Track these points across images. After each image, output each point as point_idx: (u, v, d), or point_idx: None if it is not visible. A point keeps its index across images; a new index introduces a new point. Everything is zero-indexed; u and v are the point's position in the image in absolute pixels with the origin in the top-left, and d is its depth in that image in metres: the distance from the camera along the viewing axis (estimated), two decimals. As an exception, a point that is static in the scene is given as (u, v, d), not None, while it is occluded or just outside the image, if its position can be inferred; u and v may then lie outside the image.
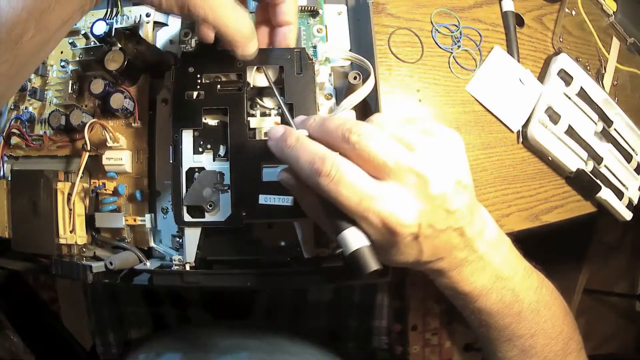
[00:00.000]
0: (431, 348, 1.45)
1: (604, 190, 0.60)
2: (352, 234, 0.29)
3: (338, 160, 0.30)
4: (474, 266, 0.35)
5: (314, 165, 0.30)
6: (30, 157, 0.49)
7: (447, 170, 0.31)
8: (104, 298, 0.75)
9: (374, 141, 0.30)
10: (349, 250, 0.29)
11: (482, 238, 0.34)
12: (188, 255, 0.43)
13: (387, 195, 0.29)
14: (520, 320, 0.38)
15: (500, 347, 0.40)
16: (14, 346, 1.12)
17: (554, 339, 0.40)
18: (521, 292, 0.37)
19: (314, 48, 0.48)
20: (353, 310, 0.75)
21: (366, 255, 0.28)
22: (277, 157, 0.33)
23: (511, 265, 0.37)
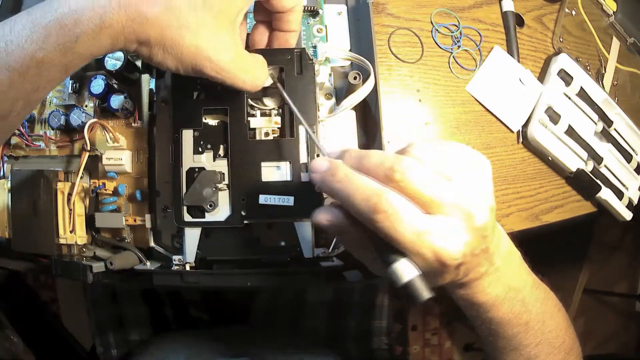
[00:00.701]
0: (431, 348, 1.45)
1: (604, 190, 0.60)
2: (404, 266, 0.30)
3: (392, 197, 0.30)
4: (491, 278, 0.35)
5: (370, 202, 0.29)
6: (30, 157, 0.49)
7: (484, 200, 0.32)
8: (104, 298, 0.75)
9: (416, 178, 0.30)
10: (401, 281, 0.29)
11: (499, 251, 0.35)
12: (188, 256, 0.43)
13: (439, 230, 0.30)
14: (528, 330, 0.39)
15: (507, 356, 0.41)
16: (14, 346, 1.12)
17: (557, 348, 0.41)
18: (530, 303, 0.38)
19: (314, 48, 0.48)
20: (353, 310, 0.75)
21: (419, 285, 0.29)
22: (323, 191, 0.34)
23: (521, 277, 0.38)
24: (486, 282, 0.35)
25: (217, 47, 0.33)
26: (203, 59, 0.33)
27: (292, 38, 0.42)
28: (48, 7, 0.31)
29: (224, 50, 0.34)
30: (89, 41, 0.31)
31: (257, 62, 0.37)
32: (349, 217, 0.32)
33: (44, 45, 0.30)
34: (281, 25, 0.40)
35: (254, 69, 0.37)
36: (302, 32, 0.50)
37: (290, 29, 0.40)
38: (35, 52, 0.30)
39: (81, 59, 0.32)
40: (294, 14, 0.39)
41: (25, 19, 0.31)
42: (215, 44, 0.33)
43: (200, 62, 0.33)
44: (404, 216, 0.29)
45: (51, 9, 0.31)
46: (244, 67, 0.36)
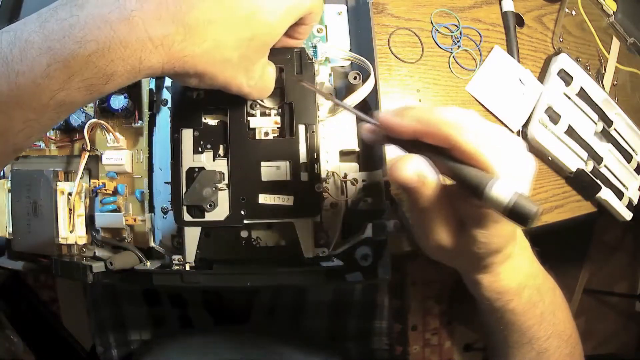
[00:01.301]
0: (431, 348, 1.45)
1: (604, 190, 0.60)
2: (503, 183, 0.27)
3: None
4: (516, 261, 0.35)
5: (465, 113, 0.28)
6: (30, 157, 0.49)
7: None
8: (104, 298, 0.75)
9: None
10: (507, 199, 0.27)
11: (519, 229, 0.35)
12: (188, 255, 0.43)
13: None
14: (542, 322, 0.39)
15: (519, 350, 0.41)
16: (14, 346, 1.13)
17: (565, 341, 0.41)
18: (544, 291, 0.39)
19: (314, 48, 0.48)
20: (353, 310, 0.75)
21: (524, 199, 0.27)
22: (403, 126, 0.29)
23: (535, 263, 0.39)
24: (513, 266, 0.35)
25: (250, 75, 0.34)
26: (234, 85, 0.34)
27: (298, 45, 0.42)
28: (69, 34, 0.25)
29: (253, 77, 0.35)
30: (122, 81, 0.27)
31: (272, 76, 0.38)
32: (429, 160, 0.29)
33: (66, 86, 0.26)
34: (293, 34, 0.40)
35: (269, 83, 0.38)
36: (302, 32, 0.50)
37: (300, 38, 0.40)
38: (56, 92, 0.26)
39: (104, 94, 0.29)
40: (307, 27, 0.39)
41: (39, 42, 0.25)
42: (249, 72, 0.34)
43: (230, 87, 0.34)
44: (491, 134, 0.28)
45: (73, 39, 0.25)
46: (263, 85, 0.37)
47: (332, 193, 0.43)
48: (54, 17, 0.26)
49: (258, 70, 0.35)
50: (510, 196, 0.27)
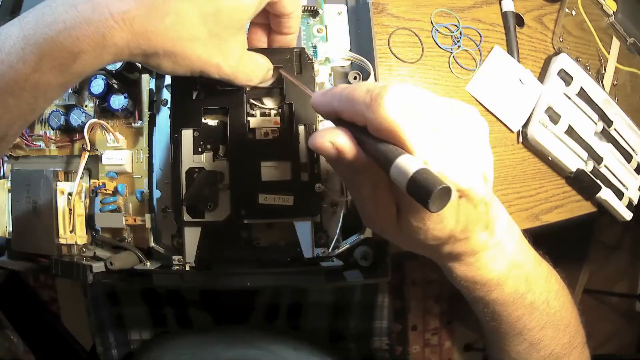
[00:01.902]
0: (431, 348, 1.45)
1: (604, 190, 0.60)
2: (409, 158, 0.26)
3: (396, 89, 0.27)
4: (493, 252, 0.34)
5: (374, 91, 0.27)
6: (30, 157, 0.49)
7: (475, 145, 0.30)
8: (104, 298, 0.75)
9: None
10: (408, 174, 0.25)
11: (498, 222, 0.34)
12: (188, 255, 0.43)
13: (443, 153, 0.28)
14: (533, 311, 0.38)
15: (510, 341, 0.39)
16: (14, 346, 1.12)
17: (562, 331, 0.40)
18: (533, 281, 0.37)
19: (314, 48, 0.48)
20: (353, 310, 0.75)
21: (429, 174, 0.25)
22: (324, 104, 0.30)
23: (523, 252, 0.37)
24: (489, 257, 0.34)
25: (225, 54, 0.33)
26: (212, 66, 0.33)
27: (292, 41, 0.42)
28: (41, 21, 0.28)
29: (230, 57, 0.34)
30: (89, 60, 0.29)
31: (260, 64, 0.38)
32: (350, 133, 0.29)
33: (38, 67, 0.28)
34: (280, 29, 0.40)
35: (256, 68, 0.37)
36: (302, 32, 0.50)
37: (289, 33, 0.40)
38: (30, 74, 0.28)
39: (80, 77, 0.30)
40: (293, 20, 0.39)
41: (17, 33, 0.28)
42: (224, 51, 0.33)
43: (208, 68, 0.33)
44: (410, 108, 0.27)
45: (44, 24, 0.28)
46: (247, 69, 0.36)
47: (332, 193, 0.43)
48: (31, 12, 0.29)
49: (235, 51, 0.34)
50: (413, 171, 0.24)
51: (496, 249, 0.34)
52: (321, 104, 0.31)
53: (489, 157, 0.32)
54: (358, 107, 0.28)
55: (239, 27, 0.34)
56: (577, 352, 0.41)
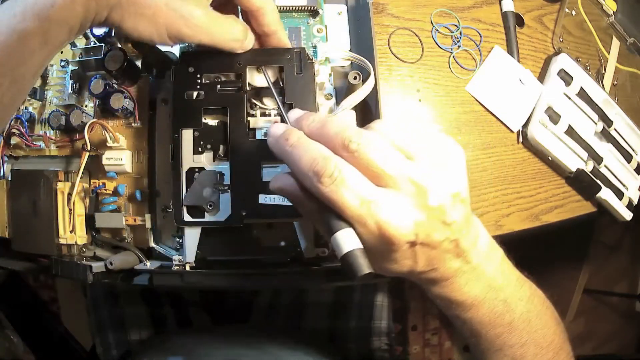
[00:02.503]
0: (431, 348, 1.45)
1: (604, 190, 0.60)
2: (346, 235, 0.29)
3: (340, 162, 0.29)
4: (467, 276, 0.34)
5: (317, 167, 0.29)
6: (30, 157, 0.49)
7: (446, 182, 0.31)
8: (104, 298, 0.75)
9: (373, 149, 0.30)
10: (341, 252, 0.28)
11: (476, 249, 0.34)
12: (188, 255, 0.43)
13: (386, 202, 0.29)
14: (512, 330, 0.38)
15: (491, 357, 0.39)
16: (14, 346, 1.12)
17: (545, 348, 0.40)
18: (513, 302, 0.37)
19: (314, 48, 0.48)
20: (353, 310, 0.75)
21: (358, 258, 0.28)
22: (277, 155, 0.33)
23: (504, 275, 0.37)
24: (462, 281, 0.34)
25: (189, 7, 0.34)
26: (177, 18, 0.33)
27: (280, 38, 0.41)
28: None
29: (195, 9, 0.34)
30: (63, 9, 0.31)
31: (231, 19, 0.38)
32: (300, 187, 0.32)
33: (23, 17, 0.31)
34: (263, 29, 0.40)
35: (227, 23, 0.37)
36: (302, 32, 0.50)
37: (272, 30, 0.40)
38: (17, 24, 0.31)
39: (59, 27, 0.32)
40: (267, 16, 0.39)
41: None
42: (186, 4, 0.33)
43: (175, 22, 0.33)
44: (350, 182, 0.29)
45: None
46: (218, 21, 0.36)
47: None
48: None
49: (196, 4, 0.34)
50: (347, 249, 0.28)
51: (471, 273, 0.34)
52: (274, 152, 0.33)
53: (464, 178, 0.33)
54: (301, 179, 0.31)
55: None
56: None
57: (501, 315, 0.37)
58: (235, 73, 0.42)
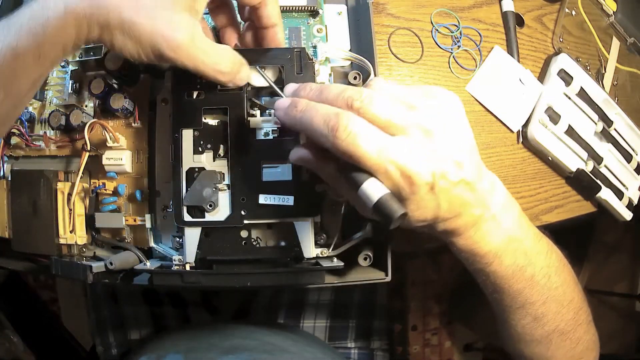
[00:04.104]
0: (431, 348, 1.45)
1: (604, 190, 0.60)
2: (372, 184, 0.29)
3: (352, 116, 0.31)
4: (489, 225, 0.36)
5: (330, 123, 0.30)
6: (30, 157, 0.49)
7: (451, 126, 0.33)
8: (104, 298, 0.75)
9: (376, 104, 0.31)
10: (372, 201, 0.29)
11: (493, 197, 0.35)
12: (188, 255, 0.42)
13: (401, 147, 0.31)
14: (533, 285, 0.39)
15: (514, 315, 0.40)
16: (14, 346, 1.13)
17: (565, 307, 0.41)
18: (533, 255, 0.38)
19: (314, 48, 0.48)
20: (353, 310, 0.75)
21: (390, 201, 0.29)
22: (288, 124, 0.34)
23: (522, 228, 0.38)
24: (484, 230, 0.36)
25: (173, 26, 0.33)
26: (159, 37, 0.33)
27: (278, 33, 0.42)
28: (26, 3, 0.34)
29: (179, 29, 0.34)
30: (57, 26, 0.32)
31: (220, 48, 0.37)
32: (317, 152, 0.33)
33: (18, 35, 0.32)
34: (263, 22, 0.40)
35: (214, 52, 0.36)
36: (302, 32, 0.50)
37: (272, 23, 0.40)
38: (11, 41, 0.32)
39: (52, 46, 0.33)
40: (268, 8, 0.39)
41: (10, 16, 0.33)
42: (171, 23, 0.33)
43: (156, 40, 0.33)
44: (365, 132, 0.30)
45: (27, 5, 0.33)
46: (203, 47, 0.35)
47: (332, 193, 0.43)
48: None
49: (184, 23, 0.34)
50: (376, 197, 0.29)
51: (492, 222, 0.36)
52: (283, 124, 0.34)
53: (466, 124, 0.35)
54: (317, 138, 0.32)
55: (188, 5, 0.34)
56: (583, 329, 0.43)
57: (522, 269, 0.38)
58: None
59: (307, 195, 0.41)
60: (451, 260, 1.41)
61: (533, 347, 0.43)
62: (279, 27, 0.41)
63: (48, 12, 0.32)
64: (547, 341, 0.41)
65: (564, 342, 0.42)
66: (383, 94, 0.32)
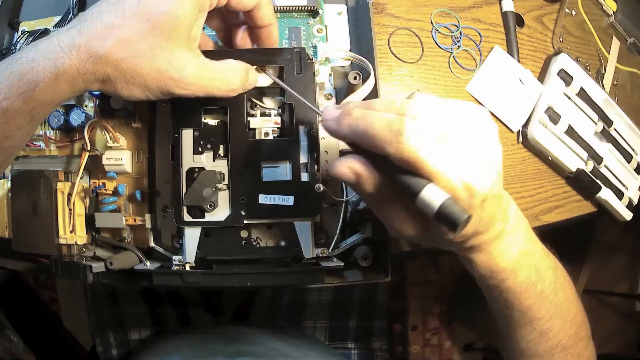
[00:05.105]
0: (431, 348, 1.45)
1: (604, 190, 0.60)
2: (433, 189, 0.28)
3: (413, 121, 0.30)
4: (508, 240, 0.36)
5: (394, 127, 0.29)
6: (30, 157, 0.49)
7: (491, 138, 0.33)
8: (104, 298, 0.75)
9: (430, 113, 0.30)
10: (434, 207, 0.28)
11: (510, 210, 0.35)
12: (188, 255, 0.43)
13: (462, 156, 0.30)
14: (542, 300, 0.39)
15: (520, 330, 0.41)
16: (14, 346, 1.13)
17: (569, 322, 0.41)
18: (542, 270, 0.39)
19: (314, 48, 0.48)
20: (353, 310, 0.75)
21: (453, 206, 0.28)
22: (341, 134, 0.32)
23: (533, 242, 0.38)
24: (505, 245, 0.35)
25: (177, 66, 0.34)
26: (167, 79, 0.33)
27: (273, 32, 0.42)
28: (12, 58, 0.33)
29: (184, 67, 0.34)
30: (48, 88, 0.32)
31: (226, 68, 0.37)
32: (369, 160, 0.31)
33: (7, 95, 0.32)
34: (257, 23, 0.40)
35: (223, 74, 0.36)
36: (302, 32, 0.50)
37: (267, 23, 0.40)
38: (0, 102, 0.32)
39: (44, 106, 0.33)
40: (262, 10, 0.39)
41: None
42: (173, 63, 0.33)
43: (165, 83, 0.34)
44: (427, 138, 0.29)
45: (14, 60, 0.32)
46: (211, 75, 0.35)
47: (332, 193, 0.43)
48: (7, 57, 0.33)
49: (185, 60, 0.34)
50: (439, 202, 0.28)
51: (511, 236, 0.36)
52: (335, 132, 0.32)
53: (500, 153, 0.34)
54: (378, 143, 0.30)
55: (183, 38, 0.34)
56: (583, 345, 0.43)
57: (534, 284, 0.38)
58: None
59: (307, 195, 0.41)
60: (451, 260, 1.41)
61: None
62: (274, 26, 0.41)
63: (39, 76, 0.32)
64: (549, 356, 0.42)
65: (565, 356, 0.42)
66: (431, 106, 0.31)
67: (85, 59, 0.32)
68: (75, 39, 0.32)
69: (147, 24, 0.32)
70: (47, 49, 0.32)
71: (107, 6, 0.33)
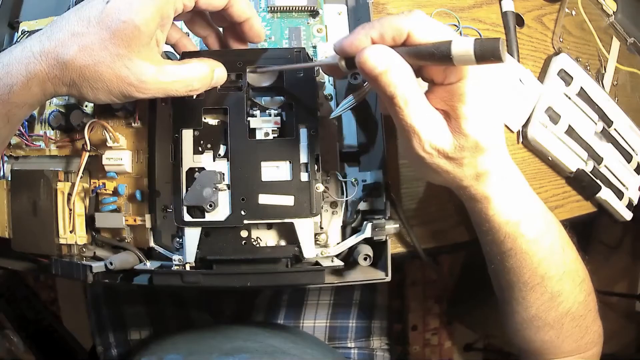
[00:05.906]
0: (431, 348, 1.45)
1: (604, 190, 0.60)
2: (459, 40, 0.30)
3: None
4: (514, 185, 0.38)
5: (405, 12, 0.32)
6: (30, 157, 0.49)
7: None
8: (104, 298, 0.75)
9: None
10: (470, 48, 0.30)
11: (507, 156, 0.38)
12: (188, 255, 0.43)
13: None
14: (552, 254, 0.40)
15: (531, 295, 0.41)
16: (14, 346, 1.13)
17: (578, 286, 0.42)
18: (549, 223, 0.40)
19: (314, 48, 0.48)
20: (353, 310, 0.75)
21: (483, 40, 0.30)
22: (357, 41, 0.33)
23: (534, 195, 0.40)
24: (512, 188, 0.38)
25: (135, 72, 0.35)
26: (127, 85, 0.35)
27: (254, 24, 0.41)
28: None
29: (142, 73, 0.35)
30: (21, 91, 0.34)
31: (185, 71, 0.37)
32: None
33: None
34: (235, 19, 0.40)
35: (181, 77, 0.37)
36: (302, 32, 0.50)
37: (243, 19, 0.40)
38: None
39: (18, 108, 0.36)
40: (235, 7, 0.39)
41: None
42: (132, 69, 0.35)
43: (126, 88, 0.35)
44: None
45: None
46: (169, 79, 0.36)
47: (332, 193, 0.43)
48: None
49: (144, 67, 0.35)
50: (471, 44, 0.30)
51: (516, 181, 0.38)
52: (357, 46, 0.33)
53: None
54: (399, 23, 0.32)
55: (143, 45, 0.35)
56: (592, 317, 0.44)
57: (543, 234, 0.40)
58: (235, 73, 0.42)
59: (307, 195, 0.41)
60: (451, 260, 1.41)
61: (544, 334, 0.44)
62: (253, 19, 0.41)
63: (12, 79, 0.34)
64: (559, 325, 0.42)
65: (574, 328, 0.43)
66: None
67: (53, 65, 0.34)
68: (44, 45, 0.34)
69: (107, 33, 0.34)
70: (20, 54, 0.34)
71: (74, 14, 0.35)
